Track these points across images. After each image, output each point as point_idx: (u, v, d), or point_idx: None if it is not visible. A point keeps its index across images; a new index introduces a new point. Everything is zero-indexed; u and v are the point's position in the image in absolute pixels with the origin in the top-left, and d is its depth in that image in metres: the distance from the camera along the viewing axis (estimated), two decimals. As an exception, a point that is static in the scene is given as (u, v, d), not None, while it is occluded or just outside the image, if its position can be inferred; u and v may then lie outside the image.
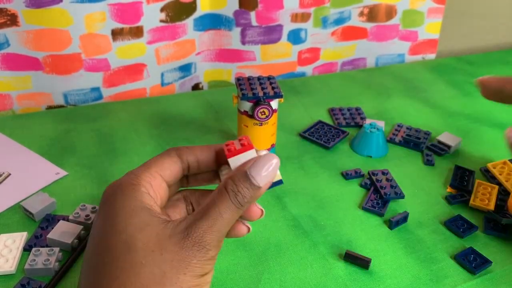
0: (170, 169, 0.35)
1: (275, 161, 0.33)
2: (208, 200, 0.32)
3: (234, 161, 0.35)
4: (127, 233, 0.30)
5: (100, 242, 0.31)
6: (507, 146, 0.45)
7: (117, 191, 0.33)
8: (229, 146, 0.35)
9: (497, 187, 0.52)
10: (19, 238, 0.45)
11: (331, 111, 0.68)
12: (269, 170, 0.33)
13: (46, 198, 0.49)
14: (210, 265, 0.31)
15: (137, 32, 0.67)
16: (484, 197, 0.51)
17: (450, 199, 0.52)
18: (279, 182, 0.35)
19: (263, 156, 0.33)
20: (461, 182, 0.54)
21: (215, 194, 0.32)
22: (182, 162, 0.36)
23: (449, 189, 0.54)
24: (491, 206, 0.50)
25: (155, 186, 0.34)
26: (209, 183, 0.39)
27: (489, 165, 0.55)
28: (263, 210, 0.35)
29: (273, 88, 0.53)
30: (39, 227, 0.46)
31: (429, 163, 0.57)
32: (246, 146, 0.35)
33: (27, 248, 0.44)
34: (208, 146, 0.37)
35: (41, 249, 0.43)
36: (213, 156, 0.37)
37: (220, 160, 0.37)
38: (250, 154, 0.35)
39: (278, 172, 0.35)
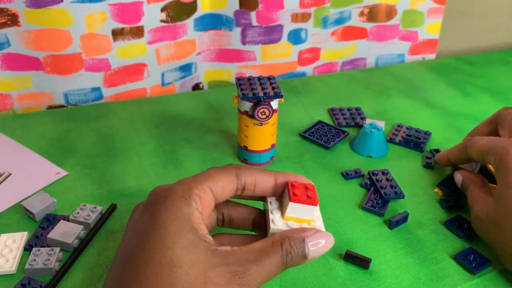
0: (224, 187, 0.35)
1: (331, 243, 0.34)
2: (260, 244, 0.32)
3: (294, 208, 0.35)
4: (174, 251, 0.30)
5: (141, 250, 0.30)
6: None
7: (167, 200, 0.32)
8: (295, 189, 0.36)
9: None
10: (19, 238, 0.45)
11: (331, 111, 0.68)
12: (321, 247, 0.34)
13: (46, 198, 0.49)
14: None
15: (138, 32, 0.67)
16: None
17: (443, 203, 0.51)
18: None
19: (323, 232, 0.34)
20: (450, 186, 0.53)
21: (269, 244, 0.32)
22: (239, 183, 0.36)
23: (436, 190, 0.53)
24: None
25: (204, 201, 0.33)
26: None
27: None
28: None
29: (273, 88, 0.53)
30: (40, 227, 0.46)
31: (428, 165, 0.57)
32: (313, 200, 0.35)
33: (27, 248, 0.44)
34: (269, 172, 0.37)
35: (41, 249, 0.43)
36: (272, 183, 0.37)
37: (280, 189, 0.37)
38: (311, 210, 0.36)
39: (323, 224, 0.36)
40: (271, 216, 0.36)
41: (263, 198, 0.38)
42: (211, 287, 0.29)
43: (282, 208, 0.37)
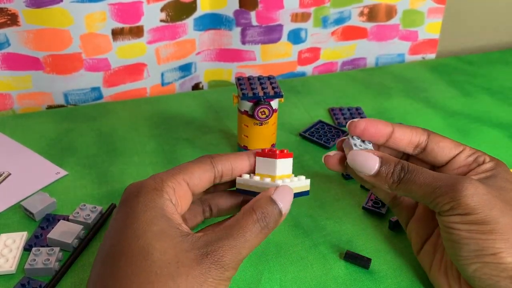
0: (200, 177, 0.35)
1: (291, 192, 0.35)
2: (231, 220, 0.33)
3: (259, 162, 0.38)
4: (145, 240, 0.30)
5: (117, 243, 0.31)
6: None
7: (139, 193, 0.32)
8: (263, 150, 0.38)
9: None
10: (19, 238, 0.45)
11: (331, 111, 0.68)
12: (287, 199, 0.34)
13: (46, 198, 0.49)
14: (224, 285, 0.31)
15: (137, 32, 0.67)
16: None
17: None
18: (306, 193, 0.38)
19: (283, 186, 0.35)
20: None
21: (240, 214, 0.33)
22: (217, 171, 0.36)
23: None
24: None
25: (179, 193, 0.34)
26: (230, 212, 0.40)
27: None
28: None
29: (273, 88, 0.53)
30: (39, 227, 0.46)
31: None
32: (274, 155, 0.37)
33: (27, 248, 0.44)
34: (241, 154, 0.38)
35: (41, 248, 0.43)
36: (247, 163, 0.38)
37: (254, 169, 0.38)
38: (273, 163, 0.37)
39: (308, 183, 0.38)
40: (242, 176, 0.38)
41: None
42: (184, 269, 0.29)
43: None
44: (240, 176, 0.38)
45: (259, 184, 0.37)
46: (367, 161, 0.38)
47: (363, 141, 0.41)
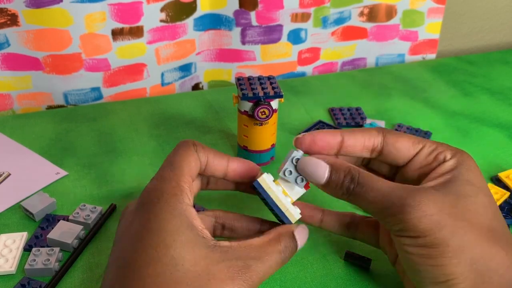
0: (196, 167, 0.36)
1: (307, 232, 0.37)
2: (257, 241, 0.33)
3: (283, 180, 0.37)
4: (175, 249, 0.29)
5: (141, 250, 0.30)
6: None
7: (160, 200, 0.32)
8: None
9: (508, 193, 0.52)
10: (19, 238, 0.45)
11: (331, 111, 0.68)
12: (304, 238, 0.36)
13: (46, 198, 0.49)
14: None
15: (137, 32, 0.67)
16: None
17: None
18: (289, 222, 0.37)
19: (303, 226, 0.36)
20: None
21: (266, 241, 0.33)
22: (200, 161, 0.36)
23: None
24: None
25: (192, 189, 0.34)
26: (226, 189, 0.40)
27: (501, 175, 0.55)
28: None
29: (273, 88, 0.53)
30: (39, 227, 0.46)
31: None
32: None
33: (27, 248, 0.44)
34: (223, 155, 0.37)
35: (41, 249, 0.43)
36: (224, 166, 0.37)
37: (231, 173, 0.38)
38: (297, 191, 0.38)
39: (298, 217, 0.37)
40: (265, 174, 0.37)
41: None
42: (215, 283, 0.29)
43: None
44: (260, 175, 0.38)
45: (280, 199, 0.36)
46: (317, 169, 0.35)
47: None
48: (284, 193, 0.37)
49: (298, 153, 0.37)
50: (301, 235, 0.35)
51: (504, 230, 0.34)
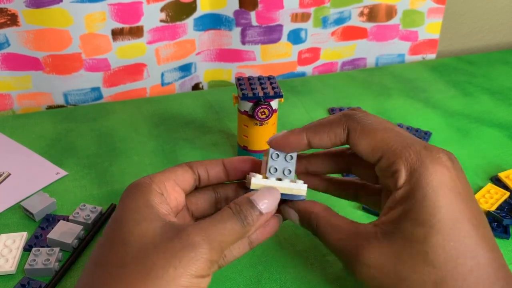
0: (183, 175, 0.36)
1: (278, 196, 0.35)
2: (211, 217, 0.33)
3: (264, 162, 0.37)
4: (126, 227, 0.31)
5: (104, 236, 0.32)
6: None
7: (130, 190, 0.34)
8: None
9: (508, 193, 0.52)
10: (19, 238, 0.45)
11: (331, 111, 0.68)
12: (271, 199, 0.34)
13: (46, 198, 0.49)
14: (205, 268, 0.30)
15: (137, 32, 0.67)
16: (490, 199, 0.51)
17: None
18: (300, 197, 0.37)
19: (267, 188, 0.35)
20: None
21: (219, 212, 0.33)
22: (193, 173, 0.37)
23: None
24: (493, 208, 0.50)
25: (169, 187, 0.34)
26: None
27: (501, 175, 0.55)
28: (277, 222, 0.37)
29: (273, 88, 0.53)
30: (39, 227, 0.46)
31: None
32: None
33: (27, 248, 0.44)
34: (216, 160, 0.38)
35: (41, 249, 0.43)
36: (222, 169, 0.38)
37: (230, 173, 0.38)
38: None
39: (305, 187, 0.37)
40: (250, 176, 0.37)
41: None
42: (162, 247, 0.30)
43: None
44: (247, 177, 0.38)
45: (248, 179, 0.37)
46: (290, 216, 0.37)
47: (285, 155, 0.37)
48: (279, 180, 0.37)
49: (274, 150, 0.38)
50: (263, 197, 0.33)
51: (469, 263, 0.30)
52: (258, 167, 0.38)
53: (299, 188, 0.37)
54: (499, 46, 0.96)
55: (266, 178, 0.36)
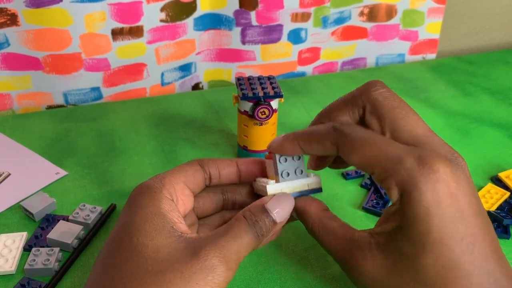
0: (194, 176, 0.36)
1: (292, 203, 0.34)
2: (225, 225, 0.32)
3: (269, 164, 0.37)
4: (138, 238, 0.30)
5: (114, 242, 0.31)
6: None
7: (140, 193, 0.33)
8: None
9: (508, 193, 0.52)
10: (18, 238, 0.45)
11: (331, 111, 0.67)
12: (284, 208, 0.34)
13: (46, 198, 0.49)
14: (222, 284, 0.30)
15: (137, 32, 0.67)
16: (490, 199, 0.51)
17: None
18: (318, 190, 0.38)
19: (281, 195, 0.34)
20: None
21: (233, 220, 0.32)
22: (205, 172, 0.36)
23: None
24: (493, 208, 0.50)
25: (179, 191, 0.34)
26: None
27: (501, 175, 0.54)
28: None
29: (273, 88, 0.53)
30: (39, 227, 0.46)
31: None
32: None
33: (27, 248, 0.44)
34: (231, 160, 0.38)
35: (41, 249, 0.43)
36: (235, 170, 0.37)
37: (242, 175, 0.38)
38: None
39: (318, 180, 0.38)
40: (261, 183, 0.37)
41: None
42: (178, 265, 0.29)
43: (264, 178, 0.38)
44: (254, 180, 0.38)
45: (295, 188, 0.37)
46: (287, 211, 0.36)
47: (292, 157, 0.37)
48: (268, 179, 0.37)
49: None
50: (277, 204, 0.33)
51: (461, 282, 0.29)
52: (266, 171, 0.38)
53: (314, 182, 0.37)
54: (499, 46, 0.96)
55: (278, 181, 0.37)
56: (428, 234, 0.29)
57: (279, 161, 0.37)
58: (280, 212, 0.33)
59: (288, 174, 0.37)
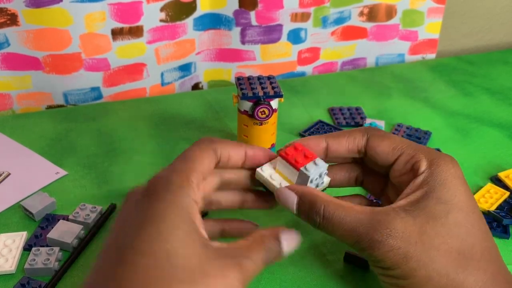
0: (210, 165, 0.35)
1: (299, 239, 0.35)
2: (243, 242, 0.32)
3: (281, 164, 0.38)
4: (171, 243, 0.29)
5: (137, 240, 0.30)
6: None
7: (165, 190, 0.32)
8: (290, 149, 0.38)
9: (508, 193, 0.52)
10: (18, 238, 0.45)
11: (331, 111, 0.68)
12: (293, 243, 0.34)
13: (46, 198, 0.49)
14: None
15: (137, 32, 0.67)
16: (490, 199, 0.51)
17: None
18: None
19: (292, 231, 0.34)
20: None
21: (251, 241, 0.33)
22: (216, 157, 0.36)
23: None
24: (493, 208, 0.50)
25: (196, 184, 0.33)
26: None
27: (500, 174, 0.54)
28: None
29: (273, 87, 0.53)
30: (39, 227, 0.46)
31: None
32: (298, 164, 0.37)
33: (27, 248, 0.44)
34: (240, 144, 0.38)
35: (41, 248, 0.43)
36: (243, 155, 0.37)
37: (247, 162, 0.38)
38: (293, 172, 0.37)
39: (328, 180, 0.39)
40: (268, 163, 0.39)
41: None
42: (208, 279, 0.29)
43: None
44: (259, 168, 0.39)
45: (271, 185, 0.38)
46: (288, 200, 0.36)
47: (315, 161, 0.38)
48: (285, 179, 0.38)
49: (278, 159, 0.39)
50: (288, 239, 0.34)
51: (482, 244, 0.34)
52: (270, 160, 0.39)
53: (324, 182, 0.38)
54: (499, 46, 0.96)
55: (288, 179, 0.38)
56: (456, 196, 0.34)
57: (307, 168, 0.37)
58: (289, 247, 0.34)
59: (312, 180, 0.38)
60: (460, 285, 0.32)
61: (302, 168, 0.37)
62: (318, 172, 0.37)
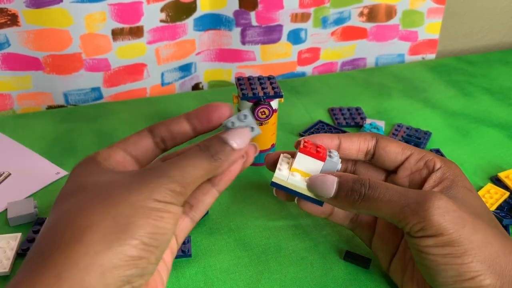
0: (135, 143, 0.36)
1: (248, 134, 0.35)
2: (177, 156, 0.33)
3: (301, 159, 0.38)
4: (80, 178, 0.32)
5: (55, 203, 0.31)
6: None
7: (78, 165, 0.35)
8: (307, 143, 0.38)
9: (508, 193, 0.52)
10: (13, 240, 0.44)
11: (331, 111, 0.68)
12: (244, 135, 0.34)
13: (29, 206, 0.47)
14: (172, 198, 0.30)
15: (137, 32, 0.67)
16: (490, 199, 0.51)
17: None
18: (337, 167, 0.38)
19: (238, 129, 0.34)
20: None
21: (187, 149, 0.33)
22: (154, 136, 0.36)
23: None
24: (493, 208, 0.50)
25: (115, 158, 0.34)
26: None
27: (500, 175, 0.55)
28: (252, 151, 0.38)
29: (273, 88, 0.53)
30: (32, 231, 0.45)
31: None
32: (321, 156, 0.37)
33: (20, 253, 0.43)
34: (179, 117, 0.37)
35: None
36: (186, 125, 0.36)
37: (196, 126, 0.36)
38: (317, 164, 0.38)
39: (339, 160, 0.38)
40: (278, 166, 0.39)
41: None
42: (127, 179, 0.30)
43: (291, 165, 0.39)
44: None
45: (297, 184, 0.38)
46: (325, 183, 0.36)
47: (330, 151, 0.39)
48: (306, 175, 0.38)
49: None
50: (234, 135, 0.34)
51: (499, 228, 0.36)
52: (229, 112, 0.36)
53: (334, 161, 0.38)
54: (499, 46, 0.96)
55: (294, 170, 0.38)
56: (472, 187, 0.38)
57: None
58: (238, 141, 0.34)
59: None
60: (510, 253, 0.33)
61: (328, 158, 0.37)
62: (340, 161, 0.38)
